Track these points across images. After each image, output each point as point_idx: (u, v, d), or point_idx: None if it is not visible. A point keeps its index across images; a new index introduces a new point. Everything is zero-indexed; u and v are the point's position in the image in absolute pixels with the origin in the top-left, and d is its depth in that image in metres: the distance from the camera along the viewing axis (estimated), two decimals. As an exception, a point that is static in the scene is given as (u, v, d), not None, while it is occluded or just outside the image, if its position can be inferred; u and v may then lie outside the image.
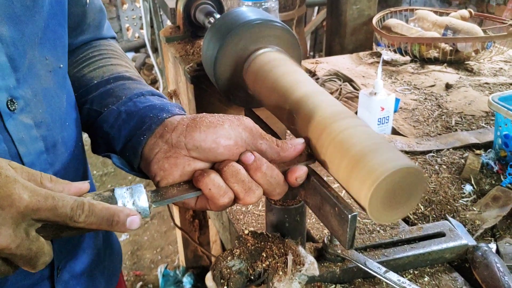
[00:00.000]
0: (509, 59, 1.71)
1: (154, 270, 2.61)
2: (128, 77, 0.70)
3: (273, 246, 0.66)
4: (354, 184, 0.55)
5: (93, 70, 0.72)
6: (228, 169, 0.55)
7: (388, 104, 1.19)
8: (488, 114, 1.28)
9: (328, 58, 1.75)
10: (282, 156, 0.58)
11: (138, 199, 0.51)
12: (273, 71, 0.79)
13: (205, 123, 0.56)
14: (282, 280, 0.64)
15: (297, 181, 0.58)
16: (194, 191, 0.55)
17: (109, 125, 0.63)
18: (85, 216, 0.47)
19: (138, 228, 0.50)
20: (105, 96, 0.67)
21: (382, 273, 0.73)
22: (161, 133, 0.58)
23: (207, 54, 0.95)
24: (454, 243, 0.81)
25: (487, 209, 0.92)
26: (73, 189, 0.50)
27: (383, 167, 0.53)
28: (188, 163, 0.56)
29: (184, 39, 1.27)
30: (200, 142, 0.55)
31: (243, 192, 0.55)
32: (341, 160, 0.57)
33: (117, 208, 0.49)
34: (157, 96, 0.66)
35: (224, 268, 0.64)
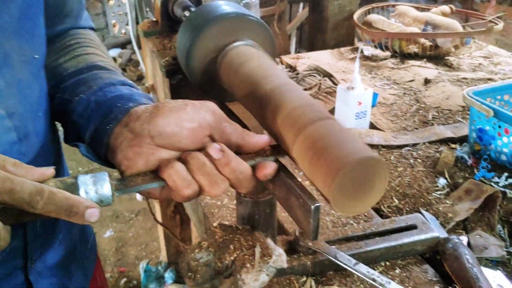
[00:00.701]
0: (488, 54, 1.72)
1: (139, 266, 2.60)
2: (102, 67, 0.70)
3: (241, 238, 0.66)
4: (318, 176, 0.56)
5: (68, 60, 0.72)
6: (193, 161, 0.54)
7: (365, 98, 1.19)
8: (464, 109, 1.29)
9: (309, 54, 1.75)
10: (247, 140, 0.58)
11: (101, 187, 0.51)
12: (246, 64, 0.79)
13: (168, 108, 0.56)
14: (250, 272, 0.64)
15: (265, 177, 0.58)
16: (158, 181, 0.55)
17: (78, 114, 0.63)
18: (44, 203, 0.47)
19: (96, 221, 0.50)
20: (77, 85, 0.66)
21: (352, 265, 0.73)
22: (126, 122, 0.57)
23: (181, 47, 0.95)
24: (426, 236, 0.81)
25: (459, 202, 0.92)
26: (36, 174, 0.49)
27: (345, 158, 0.53)
28: (152, 152, 0.56)
29: (162, 34, 1.27)
30: (164, 127, 0.55)
31: (208, 185, 0.55)
32: (307, 153, 0.57)
33: (77, 199, 0.49)
34: (128, 86, 0.66)
35: (192, 260, 0.64)
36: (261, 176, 0.57)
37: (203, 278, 0.63)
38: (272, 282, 0.75)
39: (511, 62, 1.65)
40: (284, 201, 0.62)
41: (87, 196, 0.51)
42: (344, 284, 0.76)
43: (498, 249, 0.83)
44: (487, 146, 1.05)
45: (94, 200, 0.51)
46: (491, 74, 1.53)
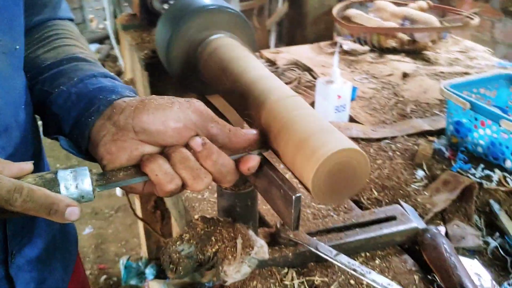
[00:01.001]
0: (464, 49, 1.75)
1: (119, 263, 2.58)
2: (82, 58, 0.68)
3: (223, 230, 0.66)
4: (298, 165, 0.56)
5: (47, 51, 0.70)
6: (176, 155, 0.54)
7: (344, 92, 1.20)
8: (441, 102, 1.31)
9: (289, 48, 1.75)
10: (234, 141, 0.57)
11: (81, 182, 0.50)
12: (225, 55, 0.79)
13: (154, 105, 0.54)
14: (232, 263, 0.64)
15: (249, 171, 0.58)
16: (141, 176, 0.54)
17: (58, 106, 0.61)
18: (23, 201, 0.45)
19: (77, 219, 0.49)
20: (57, 77, 0.64)
21: (333, 256, 0.74)
22: (109, 115, 0.56)
23: (160, 40, 0.94)
24: (405, 227, 0.83)
25: (437, 194, 0.94)
26: (14, 169, 0.48)
27: (326, 147, 0.53)
28: (136, 147, 0.55)
29: (141, 27, 1.26)
30: (148, 125, 0.54)
31: (191, 179, 0.54)
32: (287, 143, 0.58)
33: (57, 197, 0.48)
34: (110, 78, 0.65)
35: (173, 252, 0.63)
36: (244, 169, 0.57)
37: (185, 270, 0.63)
38: (254, 274, 0.75)
39: (486, 56, 1.68)
40: (265, 192, 0.62)
41: (67, 191, 0.49)
42: (325, 275, 0.77)
43: (475, 238, 0.84)
44: (463, 139, 1.06)
45: (75, 196, 0.50)
46: (467, 68, 1.56)
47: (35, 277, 0.74)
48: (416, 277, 0.77)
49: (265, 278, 0.76)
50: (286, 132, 0.58)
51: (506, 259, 0.82)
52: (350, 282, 0.76)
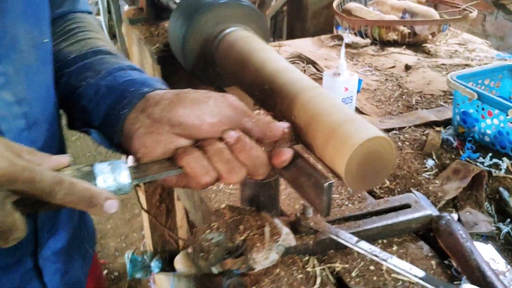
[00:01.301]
0: (463, 41, 1.77)
1: (119, 258, 2.58)
2: (107, 51, 0.69)
3: (250, 218, 0.68)
4: (329, 154, 0.58)
5: (70, 44, 0.70)
6: (211, 148, 0.54)
7: (351, 84, 1.22)
8: (446, 93, 1.34)
9: (290, 42, 1.77)
10: (268, 135, 0.57)
11: (119, 175, 0.50)
12: (244, 48, 0.80)
13: (190, 99, 0.55)
14: (260, 251, 0.66)
15: (282, 164, 0.58)
16: (176, 168, 0.55)
17: (87, 100, 0.61)
18: (64, 194, 0.46)
19: (115, 212, 0.49)
20: (83, 70, 0.65)
21: (354, 242, 0.76)
22: (143, 108, 0.56)
23: (174, 34, 0.95)
24: (420, 214, 0.85)
25: (448, 182, 0.96)
26: (52, 162, 0.49)
27: (359, 135, 0.55)
28: (171, 140, 0.55)
29: (148, 21, 1.26)
30: (184, 118, 0.54)
31: (226, 172, 0.55)
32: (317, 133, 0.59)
33: (97, 190, 0.48)
34: (138, 71, 0.65)
35: (204, 241, 0.65)
36: (278, 163, 0.57)
37: (215, 257, 0.65)
38: (277, 262, 0.77)
39: (485, 49, 1.71)
40: (293, 181, 0.64)
41: (105, 184, 0.50)
42: (345, 261, 0.79)
43: (488, 224, 0.87)
44: (470, 129, 1.09)
45: (112, 189, 0.50)
46: (467, 60, 1.59)
47: (59, 268, 0.75)
48: (433, 262, 0.79)
49: (287, 265, 0.78)
50: (315, 123, 0.60)
51: (518, 244, 0.84)
52: (370, 268, 0.78)
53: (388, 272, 0.77)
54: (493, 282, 0.71)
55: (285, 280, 0.75)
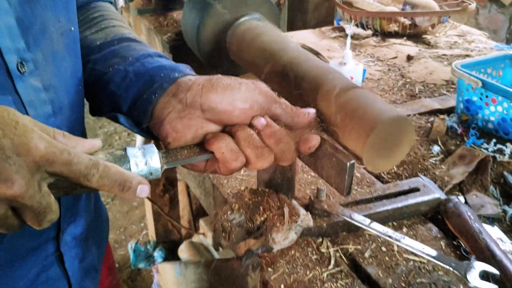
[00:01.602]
0: (461, 33, 1.80)
1: (119, 249, 2.59)
2: (133, 39, 0.70)
3: (269, 200, 0.70)
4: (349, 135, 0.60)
5: (95, 32, 0.71)
6: (241, 133, 0.55)
7: (357, 73, 1.24)
8: (448, 83, 1.37)
9: (293, 33, 1.79)
10: (296, 120, 0.58)
11: (150, 159, 0.51)
12: (260, 37, 0.82)
13: (222, 84, 0.55)
14: (280, 231, 0.68)
15: (309, 150, 0.59)
16: (206, 153, 0.55)
17: (115, 85, 0.62)
18: (99, 177, 0.46)
19: (146, 196, 0.50)
20: (110, 57, 0.66)
21: (367, 224, 0.78)
22: (175, 92, 0.57)
23: (188, 23, 0.97)
24: (428, 197, 0.87)
25: (454, 167, 0.99)
26: (86, 145, 0.50)
27: (378, 117, 0.57)
28: (201, 125, 0.56)
29: (156, 12, 1.28)
30: (217, 104, 0.55)
31: (255, 157, 0.56)
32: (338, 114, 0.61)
33: (130, 174, 0.49)
34: (165, 58, 0.66)
35: (225, 221, 0.67)
36: (305, 149, 0.59)
37: (237, 237, 0.67)
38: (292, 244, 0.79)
39: (483, 40, 1.74)
40: (312, 162, 0.66)
41: (137, 168, 0.50)
42: (357, 243, 0.81)
43: (494, 207, 0.89)
44: (474, 116, 1.12)
45: (144, 173, 0.51)
46: (467, 51, 1.62)
47: (78, 253, 0.77)
48: (442, 243, 0.82)
49: (302, 247, 0.80)
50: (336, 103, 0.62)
51: (523, 226, 0.87)
52: (382, 249, 0.80)
53: (399, 253, 0.79)
54: (502, 260, 0.73)
55: (300, 261, 0.77)
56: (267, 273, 0.75)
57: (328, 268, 0.76)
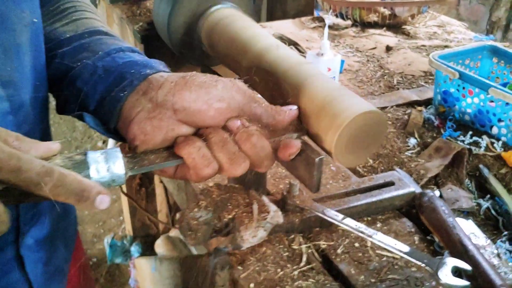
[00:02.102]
0: (441, 24, 1.79)
1: (97, 244, 2.56)
2: (105, 32, 0.65)
3: (238, 196, 0.68)
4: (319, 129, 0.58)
5: (65, 24, 0.66)
6: (215, 137, 0.51)
7: (334, 64, 1.22)
8: (426, 74, 1.35)
9: (272, 23, 1.76)
10: (278, 119, 0.55)
11: (113, 165, 0.47)
12: (231, 26, 0.79)
13: (197, 82, 0.52)
14: (248, 228, 0.66)
15: (290, 156, 0.55)
16: (176, 159, 0.51)
17: (83, 81, 0.57)
18: (53, 186, 0.42)
19: (106, 208, 0.46)
20: (79, 51, 0.61)
21: (340, 220, 0.77)
22: (145, 90, 0.53)
23: (159, 12, 0.93)
24: (403, 191, 0.86)
25: (430, 160, 0.98)
26: (41, 148, 0.45)
27: (348, 111, 0.55)
28: (172, 127, 0.52)
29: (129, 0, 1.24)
30: (190, 103, 0.51)
31: (228, 163, 0.52)
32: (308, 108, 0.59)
33: (89, 183, 0.44)
34: (137, 53, 0.61)
35: (191, 219, 0.64)
36: (285, 155, 0.55)
37: (203, 236, 0.64)
38: (263, 240, 0.77)
39: (463, 31, 1.73)
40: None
41: (98, 174, 0.46)
42: (330, 239, 0.80)
43: (468, 200, 0.89)
44: (451, 108, 1.10)
45: (106, 179, 0.47)
46: (446, 42, 1.61)
47: (42, 257, 0.73)
48: (416, 238, 0.81)
49: (273, 244, 0.78)
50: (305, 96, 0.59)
51: (498, 219, 0.86)
52: (355, 245, 0.79)
53: (372, 248, 0.78)
54: (475, 255, 0.72)
55: (271, 258, 0.75)
56: (236, 271, 0.73)
57: (299, 266, 0.74)
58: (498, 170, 0.96)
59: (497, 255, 0.78)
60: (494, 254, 0.79)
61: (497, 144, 1.01)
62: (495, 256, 0.78)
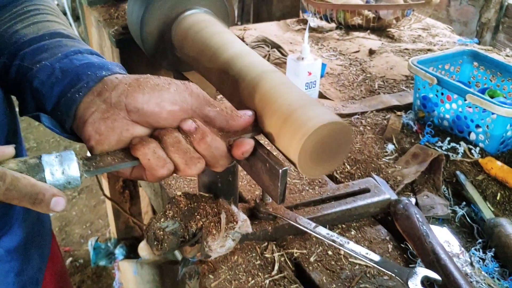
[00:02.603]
0: (426, 26, 1.79)
1: (84, 245, 2.54)
2: (66, 35, 0.65)
3: (206, 206, 0.67)
4: (284, 139, 0.57)
5: (27, 26, 0.66)
6: (168, 138, 0.52)
7: (315, 68, 1.21)
8: (408, 78, 1.35)
9: (256, 25, 1.75)
10: (231, 124, 0.55)
11: (68, 168, 0.48)
12: (202, 32, 0.78)
13: (150, 84, 0.52)
14: (216, 238, 0.65)
15: (243, 155, 0.56)
16: (131, 160, 0.52)
17: (40, 82, 0.57)
18: (6, 190, 0.43)
19: (62, 210, 0.47)
20: (39, 52, 0.61)
21: (312, 228, 0.76)
22: (99, 91, 0.54)
23: (132, 16, 0.92)
24: (378, 198, 0.86)
25: (407, 166, 0.97)
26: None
27: (312, 121, 0.54)
28: (127, 128, 0.52)
29: (107, 2, 1.22)
30: (143, 105, 0.52)
31: (183, 164, 0.53)
32: (271, 117, 0.58)
33: (43, 186, 0.45)
34: (96, 55, 0.62)
35: (158, 229, 0.64)
36: (238, 154, 0.56)
37: (169, 246, 0.64)
38: (235, 248, 0.76)
39: (447, 34, 1.73)
40: (249, 167, 0.63)
41: (53, 178, 0.47)
42: (304, 247, 0.79)
43: (444, 208, 0.88)
44: (430, 113, 1.10)
45: (61, 182, 0.48)
46: (430, 45, 1.60)
47: (14, 267, 0.72)
48: (390, 246, 0.80)
49: (245, 252, 0.77)
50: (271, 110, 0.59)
51: (473, 226, 0.86)
52: (328, 253, 0.78)
53: (345, 257, 0.78)
54: (446, 264, 0.72)
55: (243, 267, 0.75)
56: (207, 280, 0.72)
57: (271, 274, 0.74)
58: (475, 176, 0.95)
59: (470, 264, 0.78)
60: (468, 262, 0.78)
61: (475, 150, 1.00)
62: (468, 265, 0.78)
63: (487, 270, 0.77)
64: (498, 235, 0.80)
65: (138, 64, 1.03)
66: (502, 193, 0.91)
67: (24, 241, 0.74)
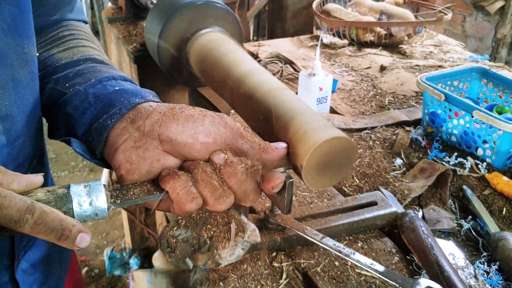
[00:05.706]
0: (438, 43, 1.81)
1: (100, 255, 2.59)
2: (100, 61, 0.66)
3: (217, 216, 0.70)
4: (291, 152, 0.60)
5: (62, 50, 0.67)
6: (200, 173, 0.51)
7: (326, 84, 1.25)
8: (417, 94, 1.37)
9: (270, 41, 1.79)
10: (264, 158, 0.54)
11: (96, 199, 0.47)
12: (216, 50, 0.82)
13: (184, 114, 0.51)
14: (226, 247, 0.68)
15: (273, 189, 0.55)
16: (159, 193, 0.51)
17: (73, 107, 0.57)
18: (34, 224, 0.42)
19: (86, 246, 0.46)
20: (73, 77, 0.61)
21: (319, 239, 0.79)
22: (133, 119, 0.53)
23: (150, 34, 0.97)
24: (385, 211, 0.88)
25: (415, 180, 1.00)
26: (23, 182, 0.45)
27: (318, 135, 0.58)
28: (158, 158, 0.51)
29: (127, 20, 1.28)
30: (176, 135, 0.50)
31: (213, 199, 0.51)
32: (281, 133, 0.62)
33: (70, 221, 0.44)
34: (129, 82, 0.62)
35: (171, 237, 0.67)
36: (269, 188, 0.54)
37: (182, 254, 0.67)
38: (245, 257, 0.79)
39: (459, 50, 1.75)
40: (258, 179, 0.66)
41: (80, 209, 0.46)
42: (311, 257, 0.82)
43: (450, 221, 0.90)
44: (438, 129, 1.12)
45: (88, 213, 0.47)
46: (441, 61, 1.63)
47: (38, 279, 0.74)
48: (396, 257, 0.83)
49: (255, 261, 0.80)
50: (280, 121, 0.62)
51: (478, 240, 0.88)
52: (335, 263, 0.81)
53: (352, 267, 0.80)
54: (450, 276, 0.74)
55: (252, 275, 0.78)
56: (218, 287, 0.75)
57: (279, 283, 0.77)
58: (482, 191, 0.97)
59: (474, 276, 0.80)
60: (472, 275, 0.80)
61: (482, 165, 1.02)
62: (473, 277, 0.80)
63: (491, 283, 0.78)
64: (503, 248, 0.82)
65: (154, 80, 1.08)
66: (508, 207, 0.93)
67: (47, 254, 0.76)
